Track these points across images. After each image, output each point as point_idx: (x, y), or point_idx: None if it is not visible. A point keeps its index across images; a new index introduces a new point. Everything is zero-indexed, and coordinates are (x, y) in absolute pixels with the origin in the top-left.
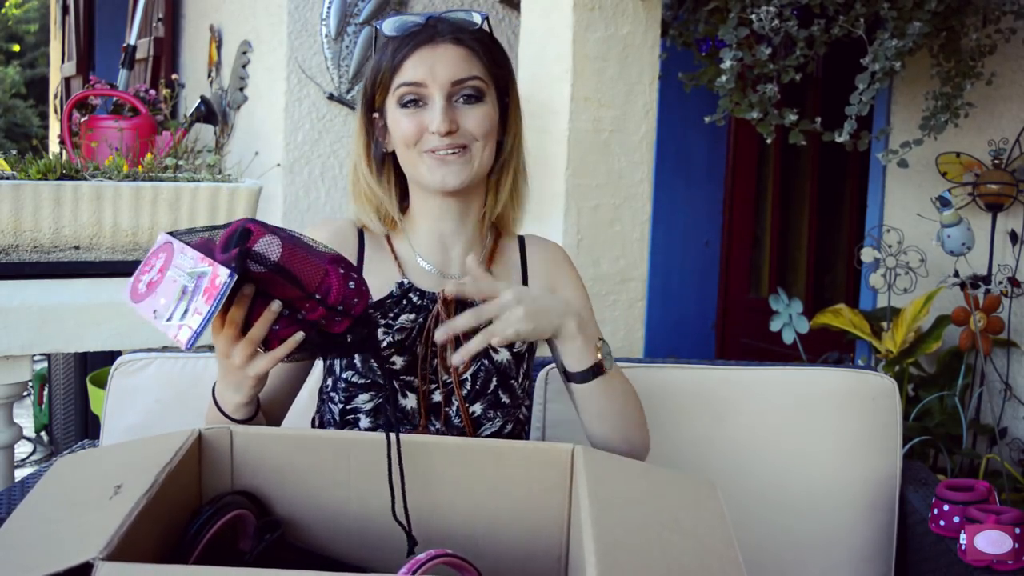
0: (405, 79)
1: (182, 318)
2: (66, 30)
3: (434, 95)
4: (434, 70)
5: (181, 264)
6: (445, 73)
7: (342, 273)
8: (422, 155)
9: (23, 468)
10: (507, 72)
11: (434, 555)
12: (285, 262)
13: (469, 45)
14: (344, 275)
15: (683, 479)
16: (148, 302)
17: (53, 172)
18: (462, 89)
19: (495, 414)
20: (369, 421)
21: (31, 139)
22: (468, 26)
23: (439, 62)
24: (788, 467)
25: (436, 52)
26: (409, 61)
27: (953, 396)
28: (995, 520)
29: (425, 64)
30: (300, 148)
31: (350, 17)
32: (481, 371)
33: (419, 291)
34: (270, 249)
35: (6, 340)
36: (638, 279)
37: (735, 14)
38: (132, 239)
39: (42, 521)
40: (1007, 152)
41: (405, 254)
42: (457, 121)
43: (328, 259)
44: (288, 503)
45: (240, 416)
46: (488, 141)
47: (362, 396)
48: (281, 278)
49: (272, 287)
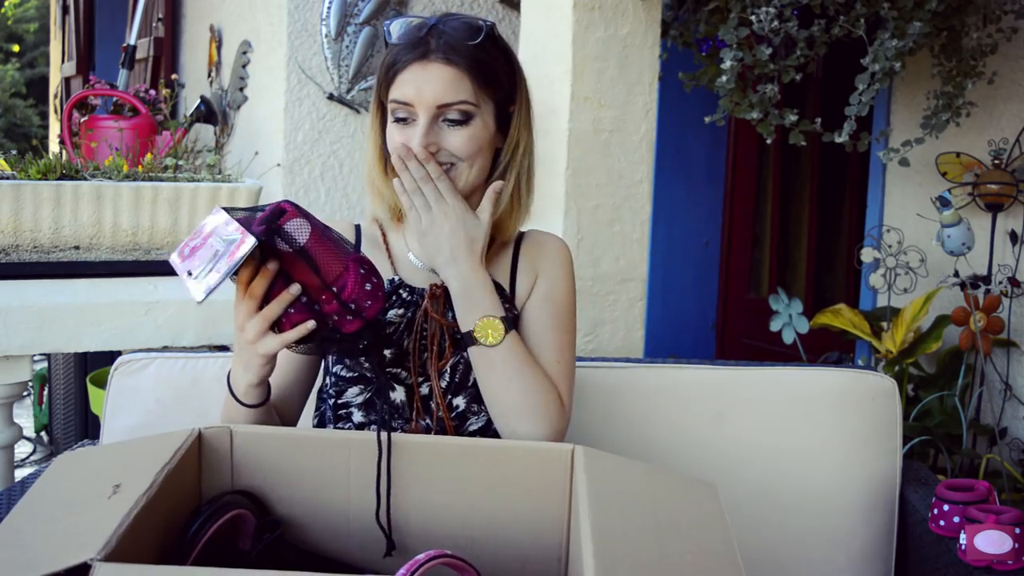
0: (395, 96)
1: (205, 277)
2: (66, 30)
3: (419, 116)
4: (421, 91)
5: (221, 232)
6: (432, 95)
7: (362, 273)
8: None
9: (23, 468)
10: (511, 83)
11: (433, 555)
12: (310, 247)
13: (459, 66)
14: (363, 275)
15: (682, 480)
16: (186, 263)
17: (53, 172)
18: (447, 112)
19: (479, 408)
20: (362, 415)
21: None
22: (468, 39)
23: (427, 83)
24: (788, 467)
25: (426, 71)
26: (400, 77)
27: (953, 396)
28: (995, 520)
29: (414, 83)
30: (300, 148)
31: (350, 17)
32: (460, 363)
33: (409, 287)
34: (299, 231)
35: (6, 340)
36: (638, 279)
37: (735, 14)
38: (132, 239)
39: (40, 520)
40: (1007, 152)
41: (399, 251)
42: (438, 143)
43: (352, 257)
44: (288, 503)
45: (250, 400)
46: (475, 160)
47: (352, 389)
48: (303, 262)
49: (294, 270)
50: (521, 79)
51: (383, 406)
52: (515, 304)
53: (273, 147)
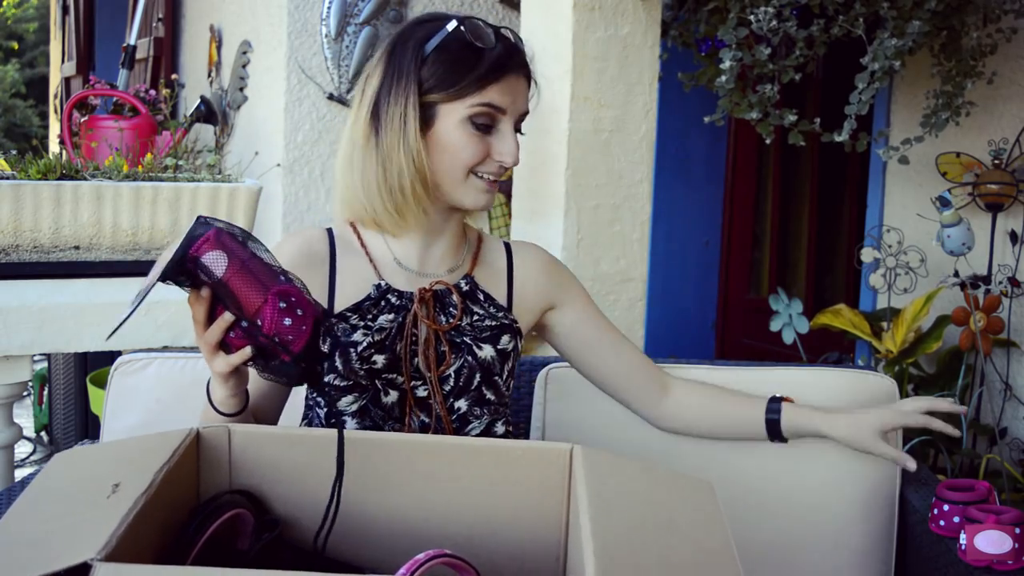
0: (490, 100)
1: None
2: (66, 30)
3: (507, 125)
4: (516, 100)
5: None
6: (521, 105)
7: (281, 308)
8: (469, 176)
9: (23, 468)
10: None
11: (433, 555)
12: (227, 280)
13: (531, 79)
14: (283, 310)
15: (681, 479)
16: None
17: (53, 172)
18: (520, 121)
19: (481, 411)
20: (356, 423)
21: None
22: (528, 58)
23: (519, 93)
24: (787, 467)
25: (520, 82)
26: (500, 84)
27: (953, 396)
28: (995, 520)
29: (511, 92)
30: (300, 148)
31: (350, 17)
32: (464, 367)
33: (397, 292)
34: (216, 264)
35: (6, 340)
36: (638, 279)
37: (735, 14)
38: (132, 239)
39: (38, 520)
40: (1007, 152)
41: (381, 255)
42: None
43: (275, 290)
44: (287, 502)
45: (226, 409)
46: None
47: (346, 398)
48: (224, 294)
49: (219, 299)
50: None
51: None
52: (512, 311)
53: (273, 147)
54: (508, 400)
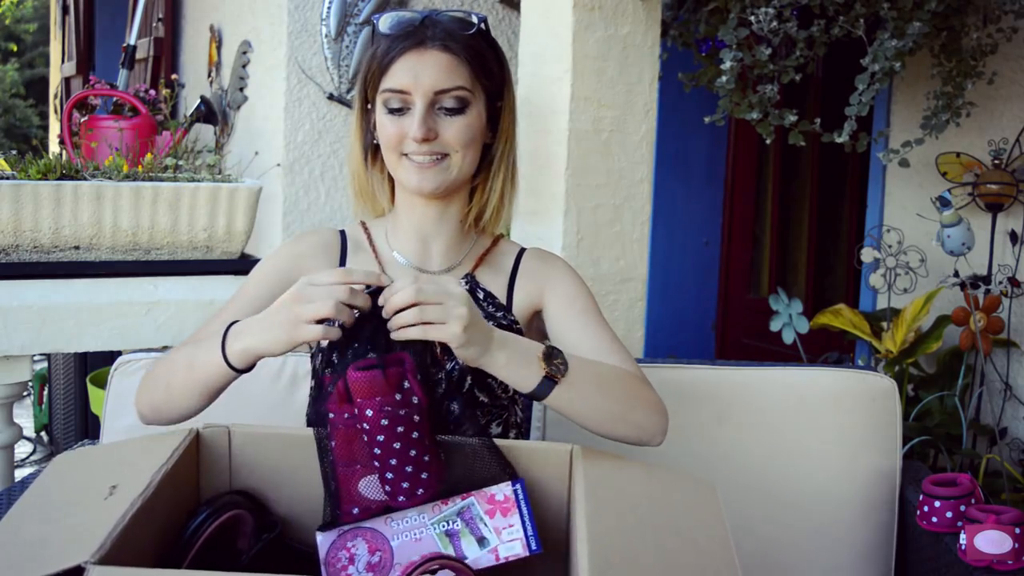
0: (390, 84)
1: None
2: (66, 30)
3: (416, 102)
4: (419, 77)
5: None
6: (429, 81)
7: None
8: (401, 158)
9: (23, 468)
10: (500, 78)
11: (428, 558)
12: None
13: (457, 53)
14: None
15: (682, 480)
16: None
17: (53, 172)
18: (444, 99)
19: (473, 413)
20: None
21: (31, 139)
22: (462, 29)
23: (425, 69)
24: (788, 467)
25: (423, 58)
26: (396, 66)
27: (953, 396)
28: (995, 520)
29: (411, 70)
30: (300, 148)
31: (350, 17)
32: (455, 369)
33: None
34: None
35: (6, 340)
36: (638, 279)
37: (735, 15)
38: (132, 239)
39: (36, 522)
40: (1007, 152)
41: (384, 250)
42: (436, 130)
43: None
44: (286, 503)
45: (239, 363)
46: (468, 151)
47: None
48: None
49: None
50: (509, 75)
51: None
52: (511, 312)
53: (273, 147)
54: (507, 401)
